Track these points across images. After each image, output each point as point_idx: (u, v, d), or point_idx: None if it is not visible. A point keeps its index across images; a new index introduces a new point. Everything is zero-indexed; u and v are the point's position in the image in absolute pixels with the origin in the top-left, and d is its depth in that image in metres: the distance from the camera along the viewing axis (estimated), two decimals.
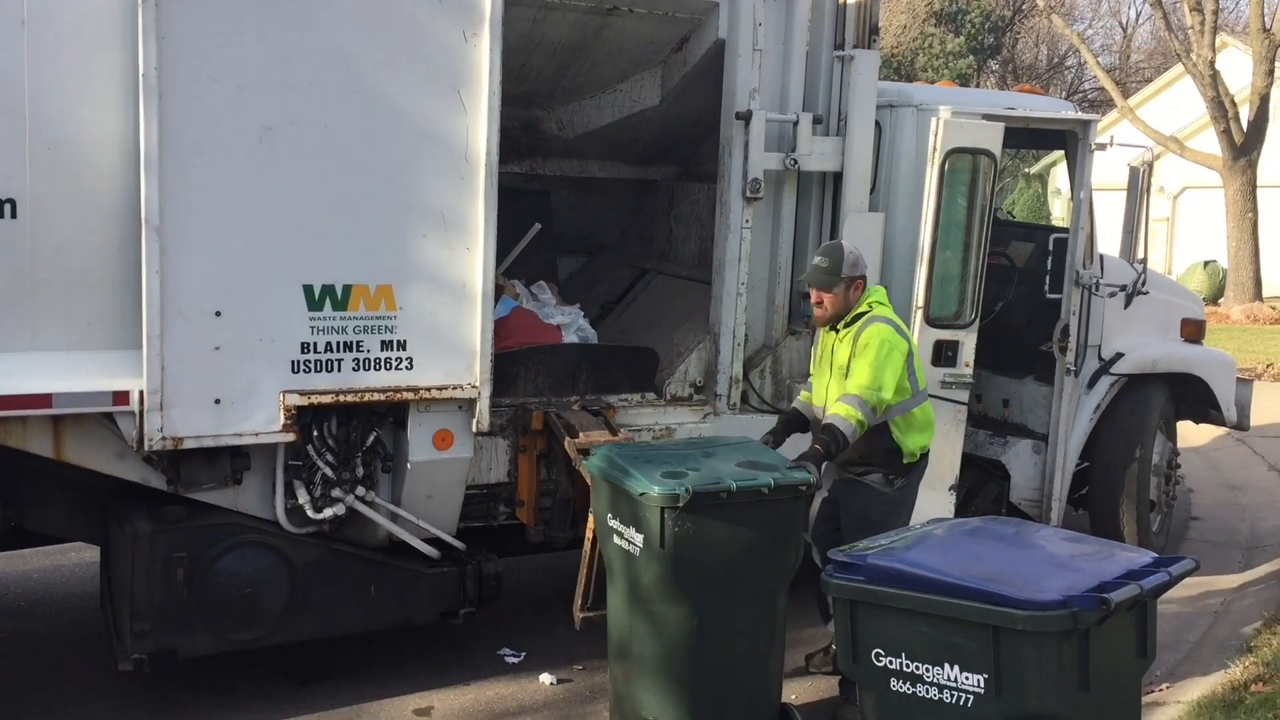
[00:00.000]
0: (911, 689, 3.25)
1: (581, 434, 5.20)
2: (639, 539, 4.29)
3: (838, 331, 5.06)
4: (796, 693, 5.34)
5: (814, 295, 5.06)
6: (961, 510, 6.58)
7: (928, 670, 3.22)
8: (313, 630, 5.07)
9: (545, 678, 5.44)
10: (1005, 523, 3.87)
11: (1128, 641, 3.39)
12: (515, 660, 5.64)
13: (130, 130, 4.38)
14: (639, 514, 4.26)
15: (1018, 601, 3.06)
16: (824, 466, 4.88)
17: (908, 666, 3.25)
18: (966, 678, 3.16)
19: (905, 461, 5.04)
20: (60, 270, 4.38)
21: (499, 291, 5.87)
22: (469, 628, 5.52)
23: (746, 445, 4.85)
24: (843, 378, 4.95)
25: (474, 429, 5.04)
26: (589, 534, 4.86)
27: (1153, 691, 5.17)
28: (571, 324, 6.26)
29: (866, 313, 5.02)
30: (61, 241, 4.37)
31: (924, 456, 5.16)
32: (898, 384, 4.89)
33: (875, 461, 5.04)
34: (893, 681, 3.27)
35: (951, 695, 3.18)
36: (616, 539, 4.45)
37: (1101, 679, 3.19)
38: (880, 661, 3.29)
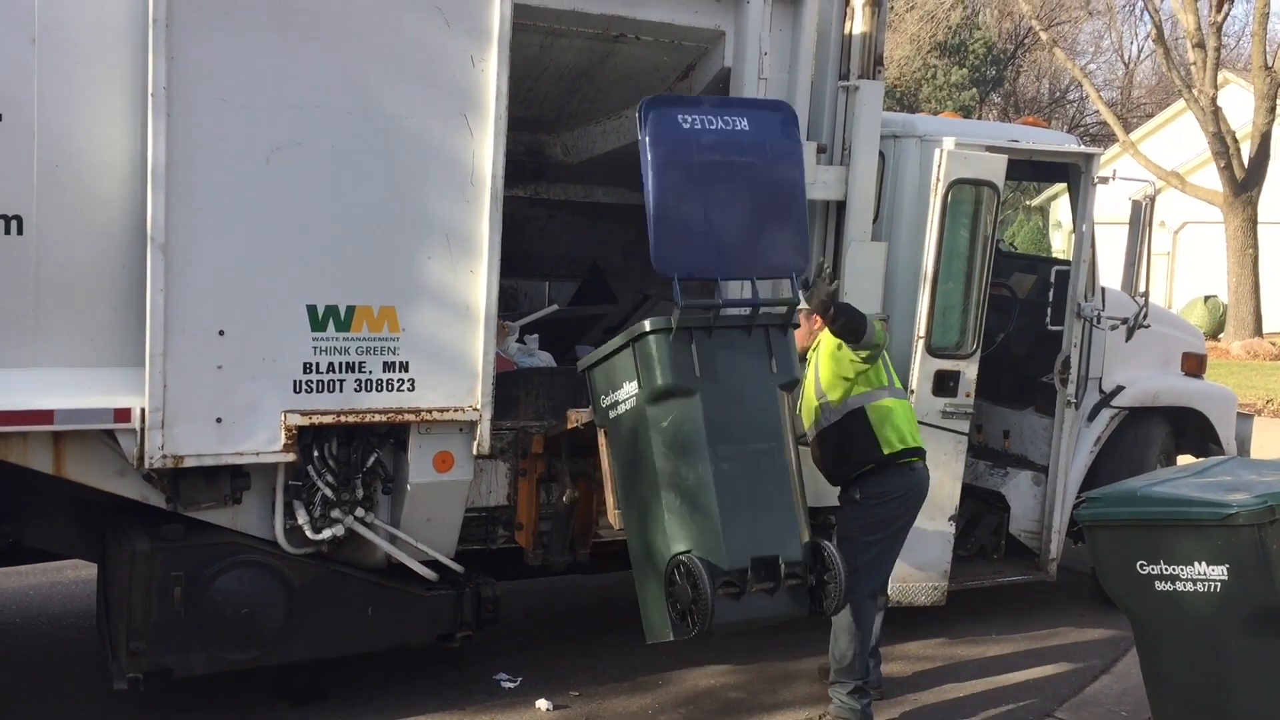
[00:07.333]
0: None
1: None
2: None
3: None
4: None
5: None
6: (960, 541, 6.58)
7: None
8: (309, 651, 5.05)
9: (541, 703, 5.41)
10: None
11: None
12: (511, 685, 5.62)
13: (137, 149, 4.39)
14: None
15: None
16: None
17: None
18: None
19: (883, 453, 5.12)
20: (64, 287, 4.38)
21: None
22: (465, 652, 5.50)
23: None
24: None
25: (474, 451, 5.03)
26: (602, 445, 4.74)
27: None
28: None
29: None
30: (66, 258, 4.37)
31: (894, 466, 5.15)
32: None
33: (841, 477, 5.27)
34: None
35: None
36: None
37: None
38: None
